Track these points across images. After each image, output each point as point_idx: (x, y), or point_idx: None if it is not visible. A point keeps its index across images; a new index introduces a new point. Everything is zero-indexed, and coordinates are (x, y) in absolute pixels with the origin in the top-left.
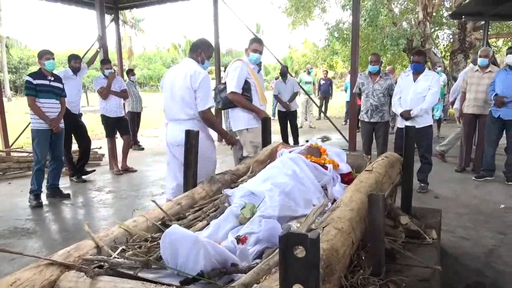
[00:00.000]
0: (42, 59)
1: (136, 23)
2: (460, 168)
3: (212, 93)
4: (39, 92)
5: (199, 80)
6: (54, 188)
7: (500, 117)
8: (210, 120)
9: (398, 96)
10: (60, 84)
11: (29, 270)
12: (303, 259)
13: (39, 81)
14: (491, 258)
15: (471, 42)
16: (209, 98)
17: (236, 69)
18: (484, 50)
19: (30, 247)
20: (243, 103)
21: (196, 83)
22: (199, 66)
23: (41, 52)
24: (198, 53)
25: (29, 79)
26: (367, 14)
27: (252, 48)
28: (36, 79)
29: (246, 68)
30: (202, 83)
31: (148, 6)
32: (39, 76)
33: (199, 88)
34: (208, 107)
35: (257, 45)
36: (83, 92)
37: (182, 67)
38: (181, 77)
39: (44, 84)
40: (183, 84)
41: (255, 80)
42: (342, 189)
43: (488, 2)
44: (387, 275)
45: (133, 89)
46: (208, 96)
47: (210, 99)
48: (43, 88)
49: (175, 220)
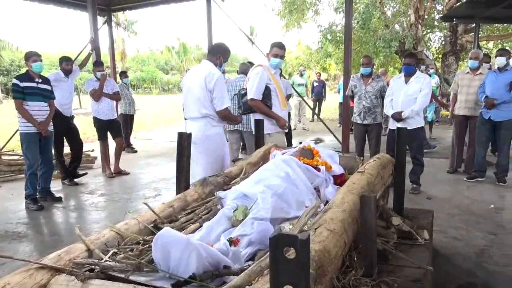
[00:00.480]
0: (29, 61)
1: (129, 25)
2: (452, 169)
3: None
4: (26, 95)
5: (213, 81)
6: (45, 191)
7: (490, 118)
8: (228, 118)
9: (390, 98)
10: (48, 86)
11: (19, 274)
12: (294, 260)
13: (27, 84)
14: (482, 258)
15: (463, 44)
16: (224, 98)
17: (257, 75)
18: (474, 52)
19: (21, 251)
20: (262, 110)
21: (211, 83)
22: (215, 68)
23: (28, 53)
24: (218, 56)
25: (16, 82)
26: (359, 16)
27: (272, 53)
28: (23, 81)
29: (266, 74)
30: (217, 83)
31: (141, 8)
32: (26, 78)
33: (214, 88)
34: (225, 106)
35: (277, 49)
36: (76, 94)
37: (199, 69)
38: (197, 78)
39: (31, 86)
40: (199, 84)
41: (275, 85)
42: (334, 190)
43: (478, 5)
44: (379, 276)
45: (125, 91)
46: (223, 96)
47: (226, 99)
48: (31, 90)
49: (168, 222)
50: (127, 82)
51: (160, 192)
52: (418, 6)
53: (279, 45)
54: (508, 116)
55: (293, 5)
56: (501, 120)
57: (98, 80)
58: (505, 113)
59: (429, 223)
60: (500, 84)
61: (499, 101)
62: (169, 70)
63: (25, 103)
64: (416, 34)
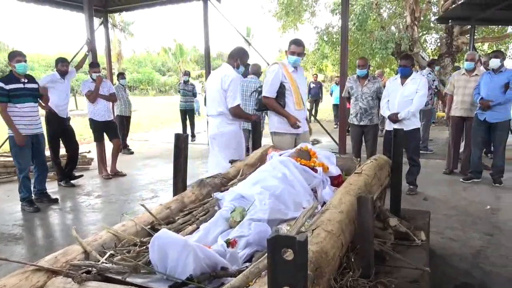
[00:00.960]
0: (13, 61)
1: (126, 26)
2: (448, 170)
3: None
4: (14, 98)
5: (228, 82)
6: (41, 193)
7: (486, 120)
8: (238, 115)
9: (386, 99)
10: (34, 84)
11: (16, 276)
12: (292, 262)
13: (12, 86)
14: (479, 259)
15: (458, 46)
16: (236, 96)
17: (272, 73)
18: (470, 54)
19: (17, 253)
20: (274, 107)
21: (226, 84)
22: (232, 70)
23: (12, 53)
24: (235, 59)
25: (1, 85)
26: (356, 18)
27: (290, 51)
28: (8, 83)
29: (282, 71)
30: (231, 84)
31: (137, 9)
32: (12, 80)
33: (228, 88)
34: (236, 104)
35: (295, 46)
36: (72, 95)
37: (219, 71)
38: (216, 79)
39: (18, 88)
40: (216, 85)
41: (291, 84)
42: (331, 191)
43: (474, 7)
44: (376, 277)
45: (122, 93)
46: (235, 95)
47: (238, 98)
48: (18, 92)
49: (165, 224)
50: (124, 83)
51: (157, 193)
52: (414, 8)
53: (296, 42)
54: (503, 117)
55: (290, 6)
56: (496, 121)
57: (94, 81)
58: (500, 114)
59: (425, 224)
60: (495, 85)
61: (494, 102)
62: (166, 72)
63: (14, 105)
64: (412, 36)
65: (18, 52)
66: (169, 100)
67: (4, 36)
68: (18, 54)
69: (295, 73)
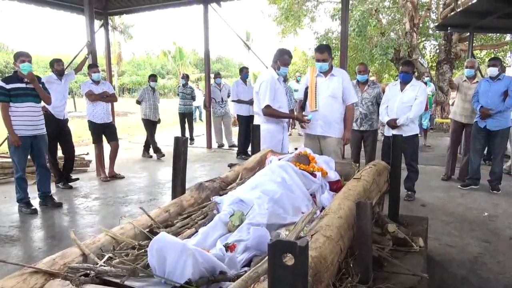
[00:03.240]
0: (17, 61)
1: (126, 29)
2: (446, 177)
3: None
4: (14, 97)
5: (259, 85)
6: (45, 196)
7: (486, 127)
8: (270, 114)
9: (385, 105)
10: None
11: (13, 279)
12: (292, 267)
13: (14, 85)
14: (476, 265)
15: (457, 53)
16: (265, 98)
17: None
18: (470, 61)
19: (13, 255)
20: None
21: (257, 87)
22: (267, 74)
23: (17, 53)
24: (275, 62)
25: (2, 85)
26: (355, 24)
27: (315, 58)
28: (9, 83)
29: (307, 76)
30: (261, 87)
31: (137, 12)
32: (14, 79)
33: (259, 91)
34: (264, 105)
35: (317, 54)
36: (71, 97)
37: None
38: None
39: (19, 87)
40: (255, 88)
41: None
42: (330, 196)
43: (472, 15)
44: (374, 283)
45: (149, 95)
46: (264, 97)
47: (266, 99)
48: (19, 92)
49: (163, 227)
50: (153, 86)
51: (155, 196)
52: (413, 14)
53: (318, 49)
54: (503, 125)
55: (290, 11)
56: (497, 129)
57: (93, 82)
58: (501, 122)
59: (424, 230)
60: (494, 93)
61: (494, 111)
62: (165, 75)
63: (14, 105)
64: (411, 42)
65: (23, 52)
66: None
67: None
68: (23, 54)
69: (321, 78)
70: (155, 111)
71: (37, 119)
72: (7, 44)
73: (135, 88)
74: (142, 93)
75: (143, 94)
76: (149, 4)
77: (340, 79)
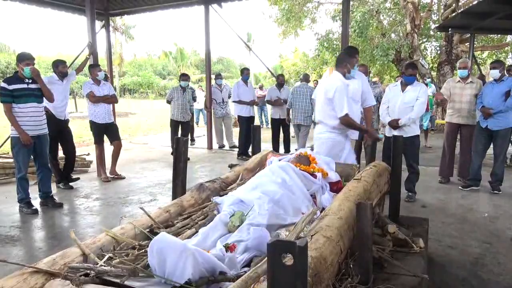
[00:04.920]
0: (22, 63)
1: (127, 29)
2: (444, 180)
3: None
4: (17, 98)
5: (332, 91)
6: (46, 196)
7: (488, 127)
8: (347, 123)
9: (386, 105)
10: (38, 84)
11: (13, 278)
12: (291, 267)
13: (16, 86)
14: (477, 266)
15: (458, 54)
16: (343, 105)
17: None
18: (462, 62)
19: (14, 255)
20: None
21: (330, 94)
22: (337, 79)
23: (22, 55)
24: (344, 65)
25: (4, 85)
26: (356, 25)
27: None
28: (11, 84)
29: None
30: (336, 93)
31: (139, 13)
32: (16, 80)
33: (333, 97)
34: (344, 113)
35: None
36: (72, 98)
37: (327, 80)
38: (323, 89)
39: (22, 88)
40: (323, 95)
41: None
42: (331, 197)
43: (473, 16)
44: (374, 284)
45: (178, 94)
46: (341, 103)
47: (345, 107)
48: (22, 92)
49: (164, 227)
50: (184, 85)
51: (155, 197)
52: (414, 15)
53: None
54: (504, 125)
55: (291, 12)
56: (498, 128)
57: (94, 83)
58: (502, 122)
59: (424, 231)
60: (497, 94)
61: (495, 110)
62: (166, 75)
63: (17, 105)
64: (412, 43)
65: (28, 55)
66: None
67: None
68: (29, 57)
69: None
70: (183, 111)
71: (40, 119)
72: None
73: (136, 89)
74: (171, 92)
75: (172, 93)
76: (150, 5)
77: (360, 82)
